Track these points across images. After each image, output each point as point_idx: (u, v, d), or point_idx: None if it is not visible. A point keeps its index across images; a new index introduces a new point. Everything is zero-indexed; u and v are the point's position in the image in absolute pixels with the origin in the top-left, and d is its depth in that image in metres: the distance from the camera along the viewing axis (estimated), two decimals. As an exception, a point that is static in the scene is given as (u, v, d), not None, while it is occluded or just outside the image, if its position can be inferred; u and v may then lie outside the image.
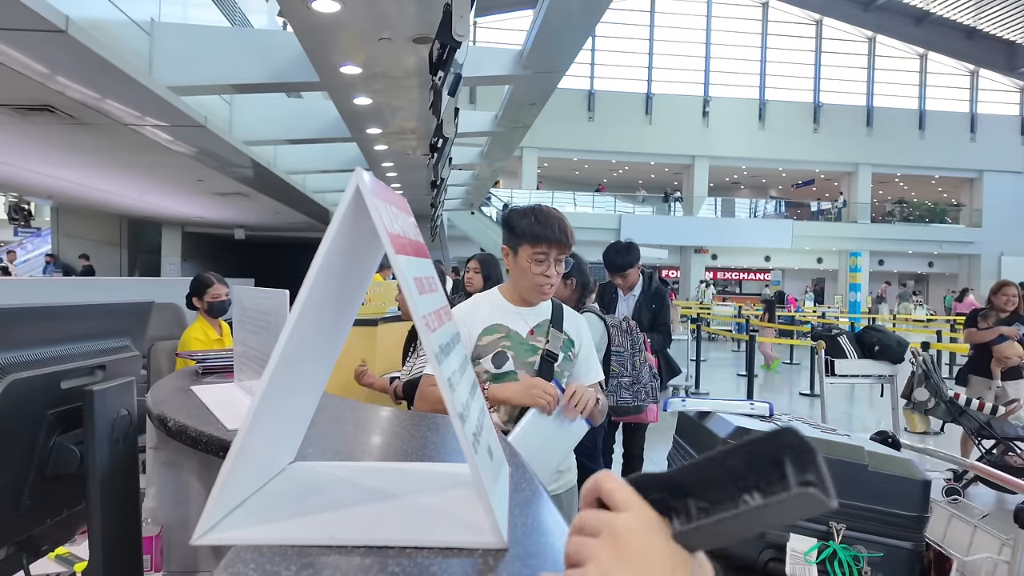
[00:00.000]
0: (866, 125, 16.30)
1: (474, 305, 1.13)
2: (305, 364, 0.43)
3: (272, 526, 0.38)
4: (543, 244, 1.05)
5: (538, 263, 1.06)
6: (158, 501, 0.75)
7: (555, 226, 1.05)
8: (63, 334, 0.49)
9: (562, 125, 14.59)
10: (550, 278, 1.07)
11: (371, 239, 0.43)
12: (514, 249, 1.08)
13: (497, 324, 1.09)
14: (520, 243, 1.07)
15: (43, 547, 0.49)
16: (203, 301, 2.04)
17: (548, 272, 1.06)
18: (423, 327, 0.37)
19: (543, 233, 1.04)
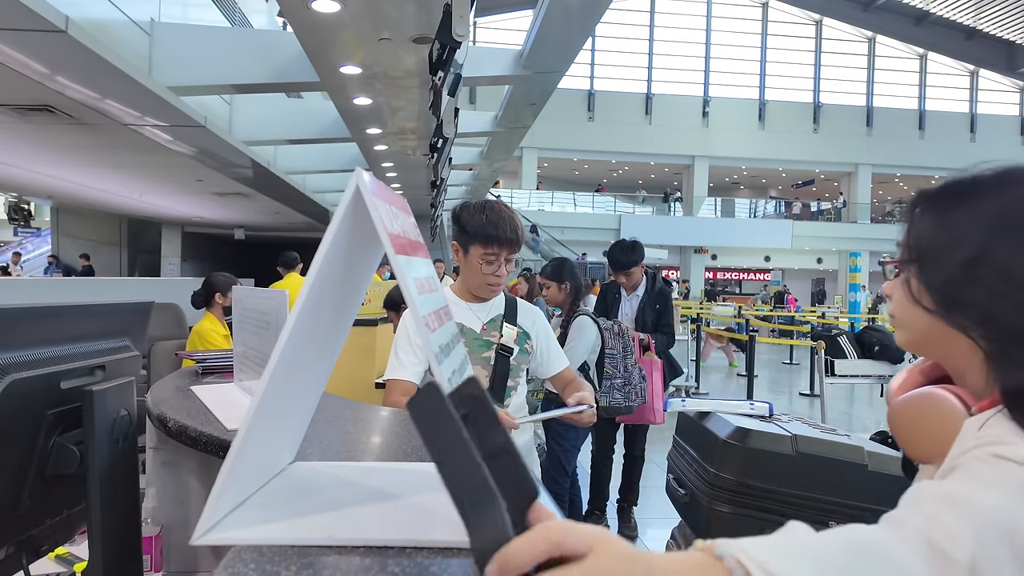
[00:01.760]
0: (866, 125, 16.31)
1: None
2: (305, 364, 0.43)
3: (272, 526, 0.38)
4: (494, 245, 1.04)
5: (488, 263, 1.05)
6: (158, 501, 0.75)
7: (507, 227, 1.04)
8: (63, 334, 0.49)
9: (562, 125, 14.59)
10: (500, 277, 1.07)
11: (371, 239, 0.43)
12: (465, 248, 1.07)
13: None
14: (471, 242, 1.06)
15: (43, 547, 0.49)
16: (227, 298, 2.15)
17: (499, 272, 1.06)
18: (423, 327, 0.37)
19: (495, 234, 1.03)
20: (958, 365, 0.45)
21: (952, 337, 0.43)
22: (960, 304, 0.42)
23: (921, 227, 0.45)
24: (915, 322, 0.46)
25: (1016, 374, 0.39)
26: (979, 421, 0.40)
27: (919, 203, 0.47)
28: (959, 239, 0.43)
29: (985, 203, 0.43)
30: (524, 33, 3.73)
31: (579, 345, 1.88)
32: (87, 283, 6.99)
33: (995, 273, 0.40)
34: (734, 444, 1.21)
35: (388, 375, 1.08)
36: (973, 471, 0.35)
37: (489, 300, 1.13)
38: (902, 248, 0.47)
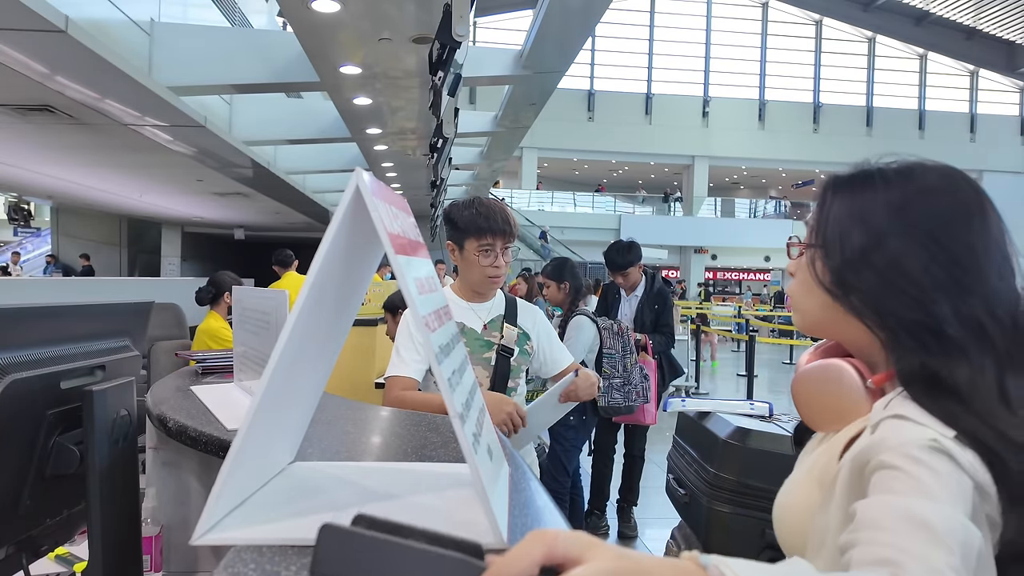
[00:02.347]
0: (866, 125, 16.30)
1: None
2: (305, 364, 0.43)
3: (272, 526, 0.38)
4: (488, 236, 1.04)
5: (485, 255, 1.05)
6: (158, 501, 0.75)
7: (498, 217, 1.04)
8: (63, 334, 0.49)
9: (562, 125, 14.59)
10: (499, 268, 1.06)
11: (371, 239, 0.43)
12: (459, 244, 1.08)
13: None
14: (464, 237, 1.06)
15: (43, 547, 0.49)
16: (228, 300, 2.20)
17: (496, 263, 1.06)
18: (423, 327, 0.37)
19: (487, 225, 1.03)
20: (858, 346, 0.47)
21: (847, 320, 0.46)
22: (855, 289, 0.44)
23: (829, 211, 0.47)
24: (813, 304, 0.48)
25: (908, 359, 0.41)
26: (884, 401, 0.43)
27: (830, 187, 0.49)
28: (861, 226, 0.45)
29: (889, 195, 0.45)
30: (524, 33, 3.73)
31: (576, 345, 1.88)
32: (87, 283, 6.99)
33: (889, 263, 0.43)
34: (734, 444, 1.21)
35: (388, 372, 1.07)
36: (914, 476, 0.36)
37: (490, 300, 1.13)
38: (809, 230, 0.48)
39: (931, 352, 0.41)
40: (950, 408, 0.39)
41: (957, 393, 0.39)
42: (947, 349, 0.41)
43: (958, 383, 0.40)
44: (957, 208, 0.45)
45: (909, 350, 0.42)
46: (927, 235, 0.43)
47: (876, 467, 0.38)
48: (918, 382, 0.41)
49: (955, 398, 0.39)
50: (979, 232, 0.44)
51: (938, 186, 0.45)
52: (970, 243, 0.43)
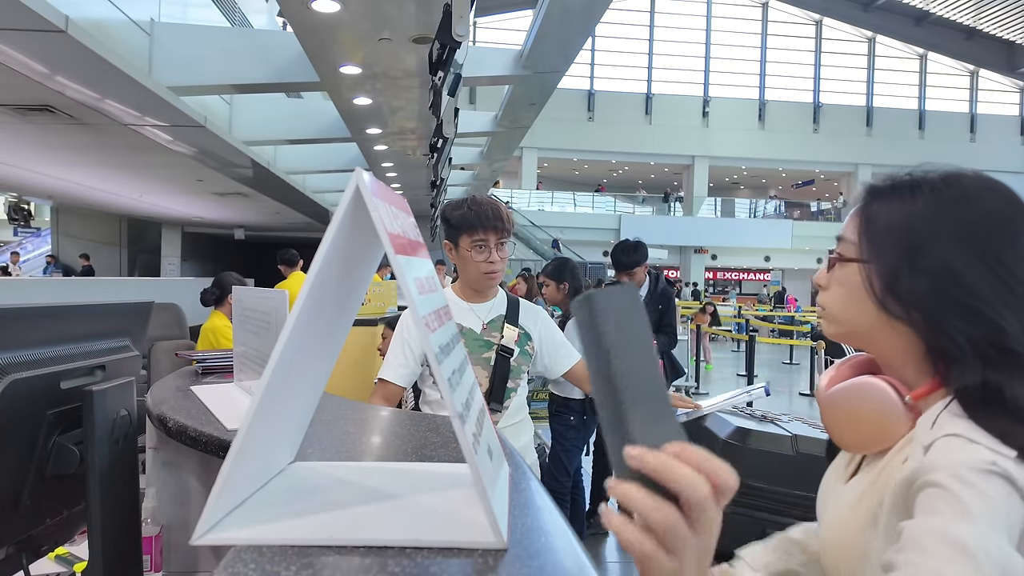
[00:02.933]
0: (866, 125, 16.31)
1: None
2: (305, 364, 0.43)
3: (272, 526, 0.38)
4: (480, 231, 1.05)
5: (479, 251, 1.06)
6: (158, 501, 0.75)
7: (489, 212, 1.04)
8: (63, 334, 0.49)
9: (562, 125, 14.59)
10: (494, 264, 1.07)
11: (371, 239, 0.43)
12: (455, 242, 1.08)
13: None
14: (459, 235, 1.07)
15: (43, 547, 0.49)
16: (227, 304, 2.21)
17: (491, 259, 1.06)
18: (422, 328, 0.37)
19: (478, 221, 1.04)
20: (893, 359, 0.46)
21: (892, 333, 0.44)
22: (914, 303, 0.42)
23: (877, 220, 0.45)
24: (857, 316, 0.46)
25: (969, 375, 0.40)
26: (932, 415, 0.41)
27: (874, 196, 0.47)
28: (917, 235, 0.43)
29: (940, 203, 0.43)
30: (524, 33, 3.73)
31: (575, 345, 1.87)
32: (87, 283, 6.99)
33: (949, 274, 0.41)
34: (734, 444, 1.21)
35: (380, 373, 1.08)
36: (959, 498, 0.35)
37: (490, 300, 1.13)
38: (856, 241, 0.46)
39: (995, 367, 0.39)
40: (1009, 427, 0.37)
41: (1018, 411, 0.38)
42: (1011, 365, 0.39)
43: (1019, 400, 0.38)
44: (1011, 218, 0.43)
45: (971, 365, 0.40)
46: (986, 245, 0.41)
47: (923, 485, 0.37)
48: (978, 399, 0.39)
49: (1015, 416, 0.38)
50: None
51: (987, 196, 0.44)
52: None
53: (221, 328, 2.16)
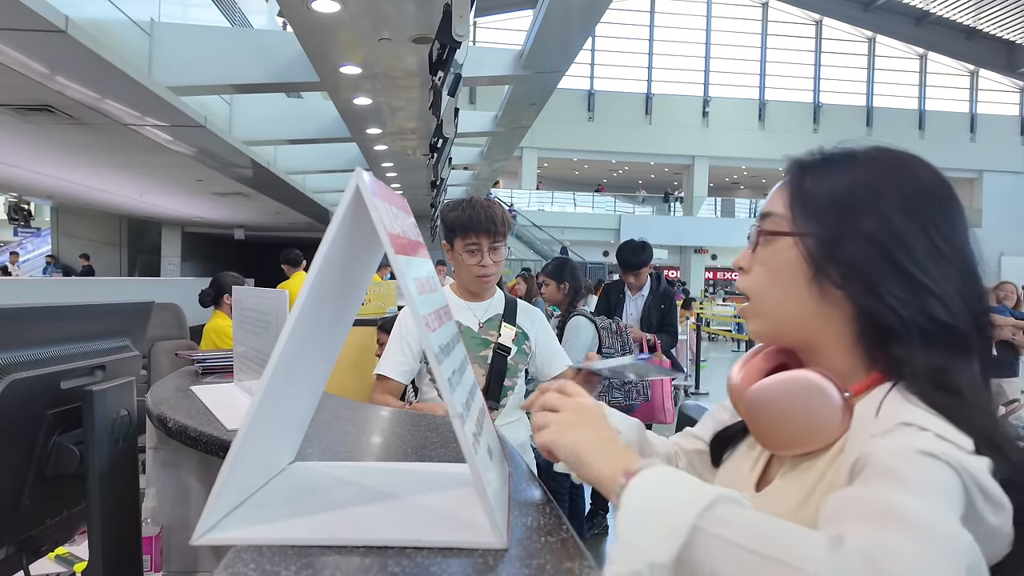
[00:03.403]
0: (866, 125, 16.30)
1: None
2: (305, 364, 0.43)
3: (272, 526, 0.38)
4: (472, 235, 1.06)
5: (471, 254, 1.07)
6: (158, 501, 0.75)
7: (482, 216, 1.05)
8: (63, 334, 0.49)
9: (562, 125, 14.59)
10: (486, 268, 1.08)
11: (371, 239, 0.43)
12: (451, 243, 1.10)
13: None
14: (454, 237, 1.09)
15: (43, 547, 0.49)
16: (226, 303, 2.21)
17: (483, 262, 1.07)
18: (423, 327, 0.37)
19: (471, 224, 1.05)
20: (823, 348, 0.42)
21: (823, 317, 0.41)
22: (861, 270, 0.39)
23: (812, 192, 0.42)
24: (787, 300, 0.42)
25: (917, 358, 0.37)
26: (872, 405, 0.38)
27: (804, 169, 0.44)
28: (857, 204, 0.40)
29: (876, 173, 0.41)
30: (524, 33, 3.73)
31: (575, 345, 1.88)
32: (87, 283, 6.98)
33: (893, 244, 0.39)
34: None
35: (378, 369, 1.09)
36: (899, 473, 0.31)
37: (487, 299, 1.14)
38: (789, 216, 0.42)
39: (935, 345, 0.37)
40: (960, 411, 0.35)
41: (961, 394, 0.36)
42: (949, 342, 0.38)
43: (962, 387, 0.36)
44: (945, 193, 0.42)
45: (912, 344, 0.37)
46: (924, 213, 0.40)
47: (863, 466, 0.33)
48: (926, 383, 0.36)
49: (961, 399, 0.36)
50: (965, 220, 0.42)
51: (921, 168, 0.42)
52: (963, 230, 0.41)
53: (224, 328, 2.16)
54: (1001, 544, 0.34)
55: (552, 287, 2.04)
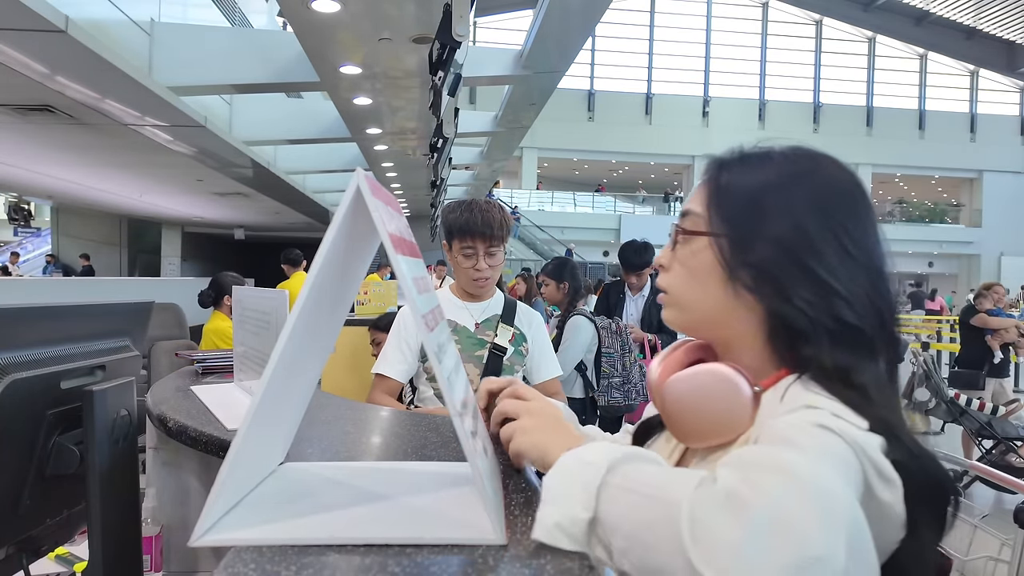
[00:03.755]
0: (866, 125, 16.30)
1: None
2: (303, 364, 0.43)
3: (272, 526, 0.38)
4: (468, 238, 1.06)
5: (466, 257, 1.08)
6: (158, 501, 0.75)
7: (478, 219, 1.05)
8: (63, 334, 0.49)
9: (562, 125, 14.59)
10: (481, 271, 1.08)
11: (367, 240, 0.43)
12: (449, 245, 1.11)
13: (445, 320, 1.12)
14: (452, 239, 1.09)
15: (43, 547, 0.49)
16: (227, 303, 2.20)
17: (478, 266, 1.07)
18: (423, 327, 0.37)
19: (467, 227, 1.06)
20: (736, 344, 0.43)
21: (737, 314, 0.42)
22: (767, 277, 0.40)
23: (728, 191, 0.43)
24: (703, 296, 0.43)
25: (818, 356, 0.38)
26: (777, 393, 0.39)
27: (723, 168, 0.44)
28: (771, 204, 0.41)
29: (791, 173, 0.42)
30: (524, 33, 3.73)
31: (574, 345, 1.88)
32: (87, 283, 6.99)
33: (803, 246, 0.40)
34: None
35: (376, 368, 1.09)
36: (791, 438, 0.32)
37: (485, 300, 1.14)
38: (706, 215, 0.43)
39: (842, 346, 0.38)
40: (859, 402, 0.36)
41: (865, 389, 0.37)
42: (855, 344, 0.39)
43: (866, 384, 0.38)
44: (856, 194, 0.42)
45: (819, 345, 0.39)
46: (834, 215, 0.40)
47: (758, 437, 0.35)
48: (830, 377, 0.38)
49: (864, 393, 0.37)
50: (875, 221, 0.42)
51: (835, 170, 0.43)
52: (872, 231, 0.42)
53: (224, 329, 2.16)
54: (895, 525, 0.34)
55: (552, 287, 2.04)
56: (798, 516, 0.27)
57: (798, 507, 0.27)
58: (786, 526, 0.27)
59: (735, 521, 0.27)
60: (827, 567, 0.26)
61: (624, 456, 0.34)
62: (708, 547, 0.27)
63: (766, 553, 0.26)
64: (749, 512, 0.27)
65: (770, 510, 0.27)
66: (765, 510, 0.27)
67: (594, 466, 0.33)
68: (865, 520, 0.29)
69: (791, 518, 0.27)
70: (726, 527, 0.27)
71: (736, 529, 0.27)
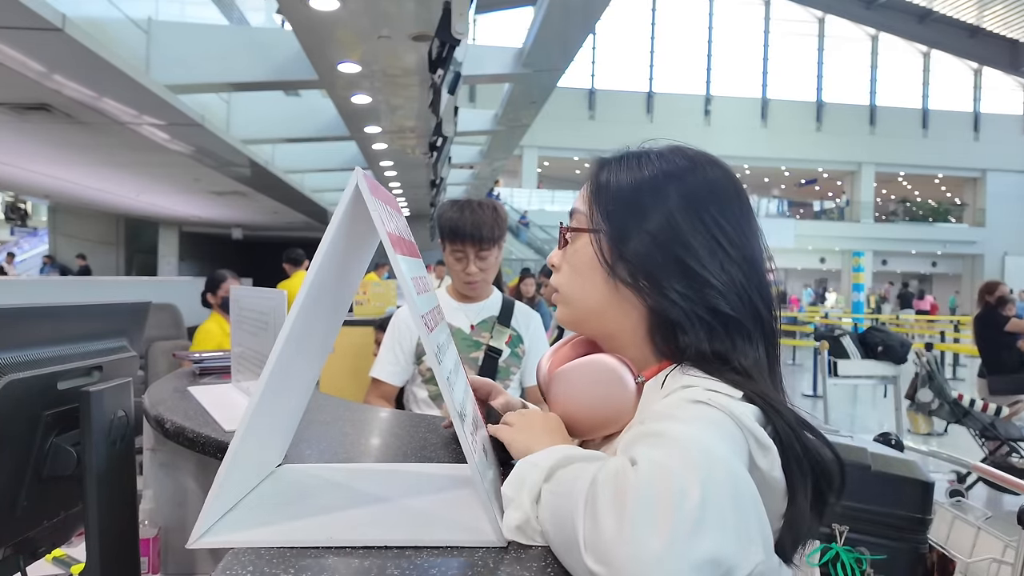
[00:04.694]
0: (869, 124, 16.28)
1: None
2: (301, 364, 0.43)
3: (270, 528, 0.37)
4: (457, 242, 1.06)
5: (457, 260, 1.07)
6: (155, 503, 0.75)
7: (468, 222, 1.04)
8: (60, 334, 0.48)
9: (563, 124, 14.57)
10: (471, 275, 1.07)
11: (366, 239, 0.42)
12: (443, 246, 1.10)
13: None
14: (444, 240, 1.09)
15: (40, 549, 0.49)
16: (217, 296, 2.17)
17: (468, 269, 1.07)
18: (423, 327, 0.36)
19: (456, 231, 1.05)
20: (621, 337, 0.45)
21: (622, 309, 0.44)
22: (643, 270, 0.42)
23: (607, 190, 0.45)
24: (588, 292, 0.45)
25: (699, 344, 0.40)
26: (657, 382, 0.41)
27: (602, 168, 0.46)
28: (646, 202, 0.43)
29: (667, 172, 0.44)
30: (524, 31, 3.72)
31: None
32: (84, 283, 6.97)
33: (678, 241, 0.42)
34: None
35: (373, 371, 1.11)
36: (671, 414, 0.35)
37: (481, 301, 1.13)
38: (587, 213, 0.45)
39: (718, 337, 0.41)
40: (735, 379, 0.39)
41: (745, 372, 0.40)
42: (731, 332, 0.41)
43: (746, 367, 0.40)
44: (730, 190, 0.45)
45: (696, 336, 0.41)
46: (706, 209, 0.42)
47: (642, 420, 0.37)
48: (709, 362, 0.40)
49: (743, 374, 0.40)
50: (750, 216, 0.45)
51: (710, 167, 0.45)
52: (746, 226, 0.44)
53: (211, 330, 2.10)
54: (777, 493, 0.36)
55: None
56: (678, 478, 0.28)
57: (680, 470, 0.29)
58: (665, 493, 0.28)
59: (619, 503, 0.28)
60: (714, 523, 0.28)
61: (564, 458, 0.35)
62: (594, 536, 0.28)
63: (652, 525, 0.27)
64: (631, 490, 0.28)
65: (649, 482, 0.29)
66: (645, 484, 0.28)
67: (538, 468, 0.36)
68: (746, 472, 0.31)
69: (670, 483, 0.28)
70: (609, 514, 0.28)
71: (618, 512, 0.28)
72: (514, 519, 0.35)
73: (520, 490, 0.35)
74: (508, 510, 0.36)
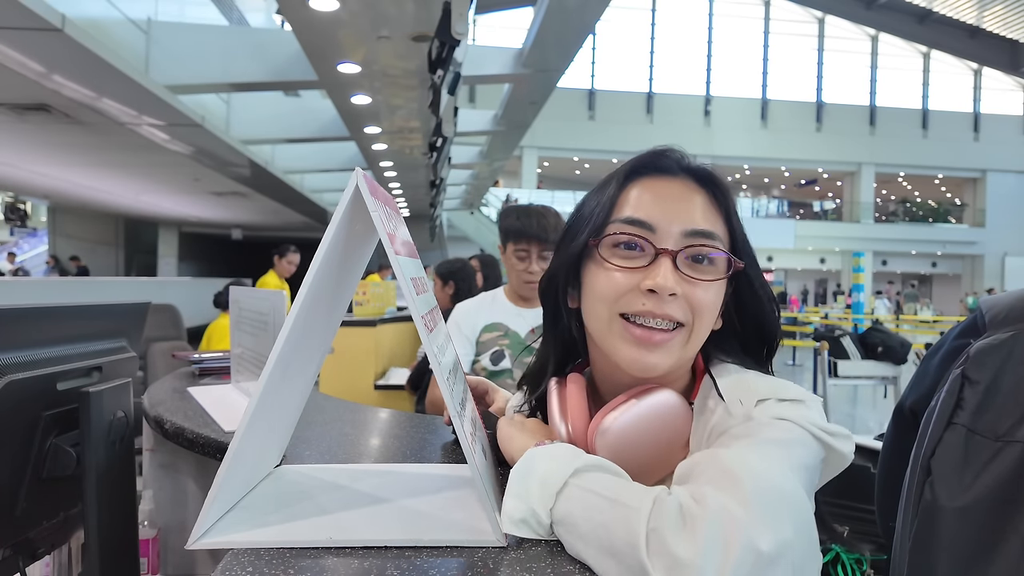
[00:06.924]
0: (869, 124, 16.29)
1: (478, 303, 1.17)
2: (300, 364, 0.43)
3: (270, 529, 0.37)
4: (523, 241, 1.10)
5: (520, 259, 1.11)
6: (155, 503, 0.75)
7: (534, 223, 1.09)
8: (59, 335, 0.48)
9: (562, 124, 14.58)
10: (533, 274, 1.10)
11: (365, 240, 0.42)
12: (504, 247, 1.14)
13: (497, 323, 1.13)
14: (507, 241, 1.12)
15: (39, 550, 0.49)
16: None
17: (531, 269, 1.10)
18: (422, 327, 0.37)
19: (522, 230, 1.09)
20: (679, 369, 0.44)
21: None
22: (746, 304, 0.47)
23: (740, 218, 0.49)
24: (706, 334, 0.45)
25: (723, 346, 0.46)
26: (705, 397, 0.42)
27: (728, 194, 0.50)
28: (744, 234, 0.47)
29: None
30: (524, 31, 3.72)
31: None
32: (83, 283, 6.97)
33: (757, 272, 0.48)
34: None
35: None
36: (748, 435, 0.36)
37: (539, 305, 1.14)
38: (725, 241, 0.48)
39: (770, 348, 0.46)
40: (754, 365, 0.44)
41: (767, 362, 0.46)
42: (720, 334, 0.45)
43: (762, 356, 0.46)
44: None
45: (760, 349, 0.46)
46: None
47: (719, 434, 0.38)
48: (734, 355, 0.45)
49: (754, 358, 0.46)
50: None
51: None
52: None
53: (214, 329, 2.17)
54: (844, 463, 0.40)
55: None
56: (744, 521, 0.29)
57: (743, 513, 0.29)
58: (733, 533, 0.28)
59: (689, 536, 0.29)
60: (782, 563, 0.29)
61: (591, 464, 0.35)
62: (665, 563, 0.29)
63: (720, 564, 0.28)
64: (700, 525, 0.29)
65: (718, 520, 0.29)
66: (714, 521, 0.29)
67: (559, 463, 0.35)
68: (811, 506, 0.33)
69: (737, 525, 0.29)
70: (681, 543, 0.29)
71: (690, 545, 0.28)
72: (518, 510, 0.34)
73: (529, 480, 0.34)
74: (510, 499, 0.35)
